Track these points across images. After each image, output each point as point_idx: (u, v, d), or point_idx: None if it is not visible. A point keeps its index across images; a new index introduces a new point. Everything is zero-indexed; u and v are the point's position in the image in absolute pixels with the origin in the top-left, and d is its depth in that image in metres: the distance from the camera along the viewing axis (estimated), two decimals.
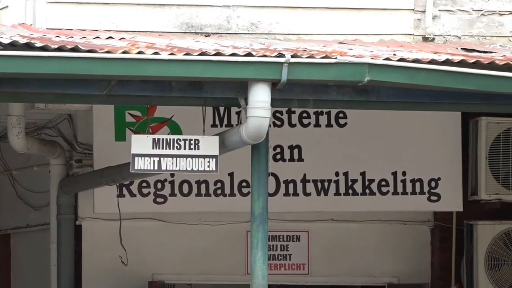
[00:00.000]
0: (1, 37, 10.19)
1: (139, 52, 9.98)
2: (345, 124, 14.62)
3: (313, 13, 14.73)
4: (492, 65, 10.64)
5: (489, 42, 14.73)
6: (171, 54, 10.15)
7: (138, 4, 14.13)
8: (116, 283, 15.02)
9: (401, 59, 10.27)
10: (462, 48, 13.38)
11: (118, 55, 9.76)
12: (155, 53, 9.88)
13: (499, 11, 15.05)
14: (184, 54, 9.96)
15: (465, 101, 10.99)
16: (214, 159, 9.98)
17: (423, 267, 15.24)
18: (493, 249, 14.41)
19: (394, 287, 15.46)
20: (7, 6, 14.56)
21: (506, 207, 14.58)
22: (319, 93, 10.47)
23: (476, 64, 10.61)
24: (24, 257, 17.95)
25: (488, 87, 10.41)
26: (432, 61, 10.46)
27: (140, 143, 10.19)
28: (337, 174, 14.79)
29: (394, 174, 14.57)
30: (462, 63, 10.50)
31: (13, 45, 9.58)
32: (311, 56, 10.06)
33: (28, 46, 9.53)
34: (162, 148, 10.05)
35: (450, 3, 15.13)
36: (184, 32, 13.85)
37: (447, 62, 10.45)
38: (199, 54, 9.92)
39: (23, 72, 9.24)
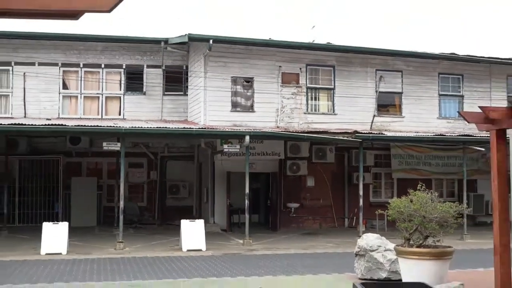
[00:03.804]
0: (196, 126, 14.37)
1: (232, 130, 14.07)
2: (263, 142, 15.72)
3: (256, 123, 15.83)
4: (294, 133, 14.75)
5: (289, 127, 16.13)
6: (233, 130, 14.28)
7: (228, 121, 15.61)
8: (220, 173, 16.45)
9: (271, 132, 14.49)
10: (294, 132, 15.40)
11: (225, 131, 14.18)
12: (228, 130, 14.04)
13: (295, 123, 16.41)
14: (237, 132, 13.95)
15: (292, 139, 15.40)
16: (239, 146, 13.73)
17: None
18: None
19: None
20: (200, 119, 15.84)
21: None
22: (259, 139, 14.79)
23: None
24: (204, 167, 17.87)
25: (295, 136, 14.78)
26: (273, 132, 14.60)
27: (225, 146, 14.09)
28: (264, 152, 16.02)
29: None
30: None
31: (201, 128, 13.83)
32: (256, 131, 13.90)
33: (205, 130, 14.02)
34: (229, 147, 13.95)
35: (286, 119, 16.29)
36: (234, 126, 15.46)
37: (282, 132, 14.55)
38: (236, 131, 13.87)
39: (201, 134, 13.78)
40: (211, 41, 14.90)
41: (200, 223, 12.45)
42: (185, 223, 12.28)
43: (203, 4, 43.89)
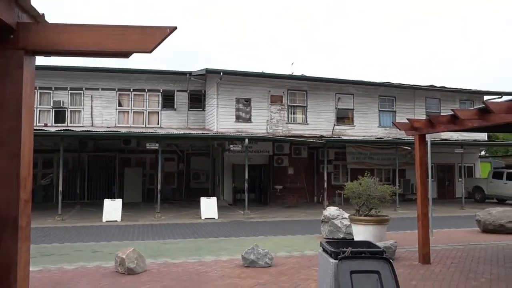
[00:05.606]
0: (211, 132, 12.78)
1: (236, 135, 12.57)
2: (257, 143, 14.76)
3: (252, 130, 14.83)
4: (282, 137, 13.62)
5: (275, 133, 15.09)
6: (236, 135, 12.84)
7: (229, 126, 14.68)
8: (228, 165, 15.21)
9: (262, 136, 13.31)
10: (282, 136, 14.52)
11: (231, 135, 13.06)
12: (233, 135, 12.61)
13: (281, 130, 15.42)
14: (239, 136, 12.57)
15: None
16: (241, 146, 12.48)
17: None
18: None
19: None
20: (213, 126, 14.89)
21: None
22: (255, 141, 13.41)
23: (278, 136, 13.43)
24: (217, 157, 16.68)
25: (280, 139, 13.38)
26: (270, 136, 13.36)
27: (231, 146, 12.86)
28: (258, 150, 15.07)
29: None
30: (283, 137, 13.49)
31: (214, 134, 12.19)
32: (253, 135, 12.92)
33: (217, 135, 12.71)
34: (233, 147, 12.75)
35: (274, 127, 15.24)
36: (237, 132, 14.29)
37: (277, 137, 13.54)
38: (239, 136, 12.49)
39: (213, 138, 12.14)
40: (221, 73, 14.64)
41: (214, 199, 12.08)
42: (203, 199, 11.99)
43: (203, 4, 36.75)
